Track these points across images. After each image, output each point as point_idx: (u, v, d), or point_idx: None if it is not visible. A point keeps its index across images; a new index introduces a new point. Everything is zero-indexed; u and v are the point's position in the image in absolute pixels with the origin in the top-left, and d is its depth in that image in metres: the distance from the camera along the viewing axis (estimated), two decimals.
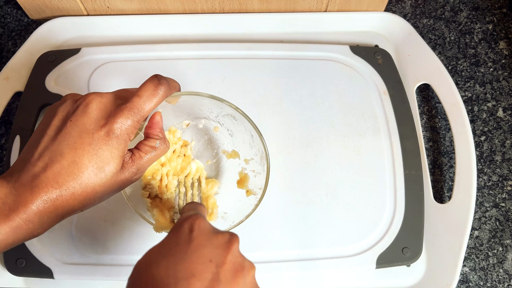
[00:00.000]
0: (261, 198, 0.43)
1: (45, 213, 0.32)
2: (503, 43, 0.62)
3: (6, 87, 0.54)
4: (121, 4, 0.58)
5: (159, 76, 0.37)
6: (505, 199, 0.54)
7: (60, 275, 0.46)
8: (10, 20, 0.62)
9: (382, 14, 0.60)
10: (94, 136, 0.34)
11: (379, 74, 0.56)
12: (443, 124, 0.57)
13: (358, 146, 0.52)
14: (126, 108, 0.35)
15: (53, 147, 0.33)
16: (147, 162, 0.37)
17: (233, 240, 0.32)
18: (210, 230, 0.33)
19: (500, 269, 0.51)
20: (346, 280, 0.48)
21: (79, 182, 0.33)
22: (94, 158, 0.33)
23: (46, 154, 0.33)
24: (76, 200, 0.33)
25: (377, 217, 0.49)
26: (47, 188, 0.32)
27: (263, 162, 0.44)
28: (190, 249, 0.30)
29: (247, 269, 0.32)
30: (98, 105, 0.35)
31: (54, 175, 0.32)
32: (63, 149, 0.33)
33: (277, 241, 0.48)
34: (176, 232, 0.33)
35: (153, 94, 0.36)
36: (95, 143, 0.33)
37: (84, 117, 0.34)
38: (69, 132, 0.34)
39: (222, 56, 0.56)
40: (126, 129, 0.34)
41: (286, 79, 0.55)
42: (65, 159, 0.33)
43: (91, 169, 0.33)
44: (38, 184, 0.32)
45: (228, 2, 0.58)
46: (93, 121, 0.34)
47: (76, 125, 0.34)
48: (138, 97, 0.35)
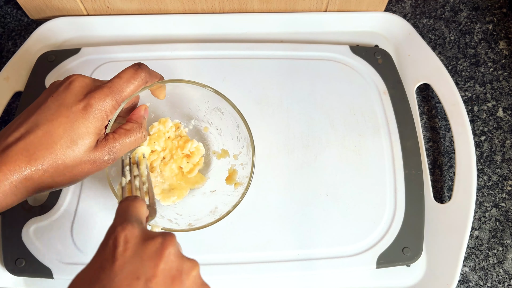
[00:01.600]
0: (248, 185, 0.43)
1: (13, 184, 0.32)
2: (503, 43, 0.62)
3: (6, 87, 0.54)
4: (121, 4, 0.58)
5: (141, 63, 0.39)
6: (505, 199, 0.53)
7: (60, 275, 0.46)
8: (10, 20, 0.62)
9: (382, 14, 0.60)
10: (72, 109, 0.34)
11: (379, 74, 0.56)
12: (443, 124, 0.57)
13: (358, 146, 0.52)
14: (105, 86, 0.36)
15: (31, 120, 0.34)
16: (121, 146, 0.37)
17: (165, 244, 0.29)
18: (138, 240, 0.30)
19: (500, 269, 0.51)
20: (346, 280, 0.48)
21: (50, 153, 0.33)
22: (68, 130, 0.34)
23: (23, 126, 0.34)
24: (46, 172, 0.33)
25: (377, 217, 0.49)
26: (16, 157, 0.32)
27: (249, 150, 0.44)
28: (114, 270, 0.27)
29: (186, 271, 0.29)
30: (80, 83, 0.36)
31: (26, 145, 0.33)
32: (40, 120, 0.34)
33: (277, 241, 0.48)
34: (101, 252, 0.30)
35: (133, 77, 0.38)
36: (72, 116, 0.34)
37: (65, 93, 0.35)
38: (48, 106, 0.35)
39: (222, 56, 0.56)
40: (104, 106, 0.36)
41: (286, 79, 0.55)
42: (40, 130, 0.33)
43: (63, 141, 0.34)
44: (9, 153, 0.32)
45: (228, 2, 0.58)
46: (73, 96, 0.35)
47: (56, 99, 0.35)
48: (118, 78, 0.37)
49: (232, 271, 0.47)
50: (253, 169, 0.43)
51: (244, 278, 0.47)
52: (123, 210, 0.33)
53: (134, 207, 0.33)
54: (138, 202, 0.34)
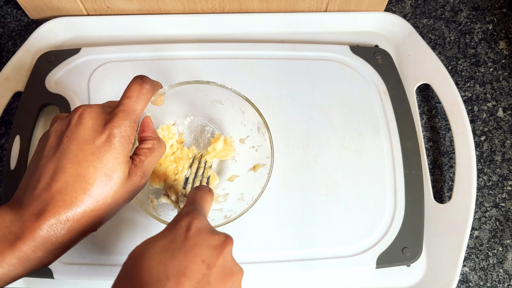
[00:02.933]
0: (271, 166, 0.43)
1: (54, 238, 0.30)
2: (503, 43, 0.62)
3: (6, 87, 0.54)
4: (121, 4, 0.58)
5: (141, 75, 0.37)
6: (505, 199, 0.53)
7: (60, 275, 0.46)
8: (10, 20, 0.62)
9: (382, 14, 0.60)
10: (95, 144, 0.32)
11: (379, 74, 0.56)
12: (443, 124, 0.57)
13: (358, 146, 0.52)
14: (119, 110, 0.34)
15: (53, 166, 0.32)
16: (148, 164, 0.36)
17: (227, 242, 0.32)
18: (207, 229, 0.32)
19: (500, 269, 0.51)
20: (346, 280, 0.48)
21: (88, 196, 0.31)
22: (100, 167, 0.32)
23: (47, 175, 0.31)
24: (88, 218, 0.32)
25: (377, 217, 0.49)
26: (54, 210, 0.30)
27: (263, 131, 0.44)
28: (185, 247, 0.30)
29: (236, 274, 0.31)
30: (91, 115, 0.34)
31: (60, 194, 0.30)
32: (65, 165, 0.31)
33: (277, 241, 0.48)
34: (173, 228, 0.32)
35: (140, 92, 0.36)
36: (98, 152, 0.32)
37: (80, 129, 0.33)
38: (67, 147, 0.32)
39: (222, 56, 0.56)
40: (126, 131, 0.34)
41: (286, 79, 0.55)
42: (69, 175, 0.31)
43: (99, 180, 0.31)
44: (44, 207, 0.30)
45: (228, 2, 0.58)
46: (90, 130, 0.33)
47: (73, 138, 0.32)
48: (128, 98, 0.35)
49: None
50: (272, 149, 0.44)
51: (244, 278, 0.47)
52: (193, 199, 0.35)
53: (206, 200, 0.36)
54: (209, 195, 0.37)
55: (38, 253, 0.30)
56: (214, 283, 0.29)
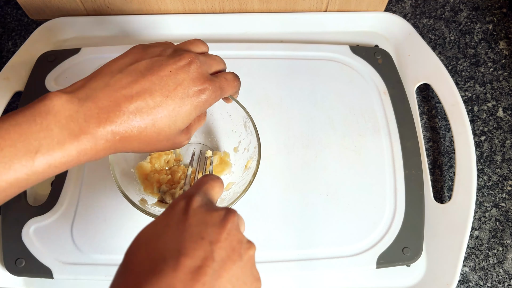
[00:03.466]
0: (259, 154, 0.43)
1: (110, 142, 0.32)
2: (503, 43, 0.62)
3: (6, 87, 0.54)
4: (121, 4, 0.58)
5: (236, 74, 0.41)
6: (505, 199, 0.53)
7: (59, 275, 0.46)
8: (10, 20, 0.62)
9: (382, 14, 0.60)
10: (188, 91, 0.35)
11: (379, 74, 0.56)
12: (443, 124, 0.57)
13: (358, 146, 0.52)
14: (218, 81, 0.37)
15: (145, 85, 0.33)
16: (194, 130, 0.39)
17: (229, 217, 0.31)
18: (205, 208, 0.31)
19: (500, 269, 0.51)
20: (346, 280, 0.48)
21: (153, 125, 0.33)
22: (176, 109, 0.34)
23: (135, 87, 0.33)
24: (140, 140, 0.33)
25: (377, 217, 0.49)
26: (125, 118, 0.32)
27: (248, 125, 0.45)
28: (181, 228, 0.29)
29: (245, 248, 0.31)
30: (197, 69, 0.36)
31: (137, 109, 0.32)
32: (155, 91, 0.33)
33: (277, 241, 0.48)
34: (170, 211, 0.31)
35: (234, 81, 0.40)
36: (185, 98, 0.34)
37: (184, 73, 0.35)
38: (166, 80, 0.34)
39: (222, 56, 0.56)
40: (212, 99, 0.36)
41: (286, 79, 0.55)
42: (153, 101, 0.33)
43: (168, 117, 0.34)
44: (117, 112, 0.32)
45: (228, 2, 0.58)
46: (191, 80, 0.35)
47: (175, 77, 0.34)
48: (226, 80, 0.39)
49: None
50: (259, 141, 0.44)
51: None
52: (200, 184, 0.35)
53: (211, 186, 0.35)
54: (217, 182, 0.36)
55: (93, 151, 0.31)
56: (220, 258, 0.28)
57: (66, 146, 0.30)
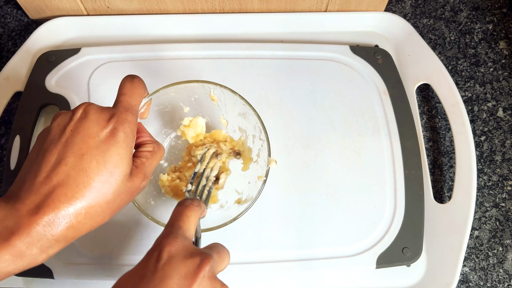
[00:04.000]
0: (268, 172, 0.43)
1: (51, 235, 0.29)
2: (503, 43, 0.62)
3: (6, 87, 0.54)
4: (121, 4, 0.58)
5: (130, 75, 0.37)
6: (505, 199, 0.53)
7: (60, 275, 0.46)
8: (10, 20, 0.62)
9: (382, 14, 0.60)
10: (99, 138, 0.31)
11: (379, 74, 0.56)
12: (443, 124, 0.57)
13: (358, 146, 0.52)
14: (120, 106, 0.34)
15: (54, 158, 0.30)
16: (149, 167, 0.36)
17: (203, 265, 0.30)
18: (181, 254, 0.30)
19: (500, 269, 0.51)
20: (346, 280, 0.48)
21: (89, 191, 0.30)
22: (103, 162, 0.31)
23: (47, 167, 0.30)
24: (87, 215, 0.30)
25: (377, 217, 0.49)
26: (54, 204, 0.29)
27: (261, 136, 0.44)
28: (153, 282, 0.29)
29: None
30: (96, 110, 0.33)
31: (60, 187, 0.29)
32: (67, 158, 0.30)
33: (277, 241, 0.48)
34: (145, 261, 0.31)
35: (134, 87, 0.36)
36: (102, 146, 0.31)
37: (85, 122, 0.32)
38: (71, 139, 0.31)
39: (222, 56, 0.56)
40: (129, 126, 0.33)
41: (286, 79, 0.55)
42: (71, 168, 0.30)
43: (101, 175, 0.30)
44: (43, 201, 0.29)
45: (228, 2, 0.58)
46: (95, 124, 0.32)
47: (77, 131, 0.31)
48: (123, 95, 0.35)
49: (232, 271, 0.47)
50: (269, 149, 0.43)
51: (244, 278, 0.47)
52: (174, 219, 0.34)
53: (186, 216, 0.34)
54: (191, 210, 0.35)
55: (32, 250, 0.29)
56: None
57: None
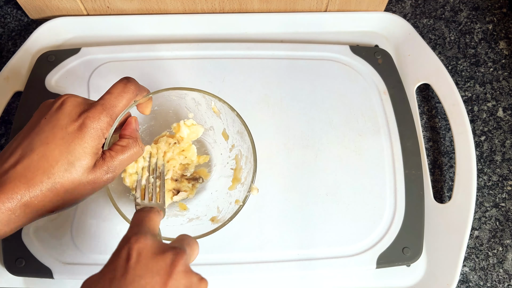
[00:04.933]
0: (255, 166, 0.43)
1: (11, 211, 0.31)
2: (503, 43, 0.62)
3: (6, 87, 0.54)
4: (121, 4, 0.58)
5: (128, 77, 0.38)
6: (505, 199, 0.53)
7: (59, 275, 0.46)
8: (10, 20, 0.62)
9: (382, 14, 0.60)
10: (67, 130, 0.33)
11: (379, 74, 0.56)
12: (443, 124, 0.57)
13: (358, 146, 0.52)
14: (98, 104, 0.35)
15: (25, 143, 0.33)
16: (119, 163, 0.36)
17: (176, 261, 0.29)
18: (151, 251, 0.30)
19: (500, 269, 0.51)
20: (346, 280, 0.48)
21: (48, 177, 0.32)
22: (65, 152, 0.33)
23: (17, 151, 0.33)
24: (45, 197, 0.33)
25: (377, 217, 0.49)
26: (14, 183, 0.31)
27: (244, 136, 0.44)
28: (125, 282, 0.28)
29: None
30: (72, 103, 0.35)
31: (23, 169, 0.32)
32: (35, 144, 0.33)
33: (277, 241, 0.48)
34: (113, 261, 0.30)
35: (123, 90, 0.37)
36: (67, 137, 0.33)
37: (58, 113, 0.34)
38: (42, 128, 0.34)
39: (222, 56, 0.56)
40: (100, 124, 0.35)
41: (286, 79, 0.55)
42: (36, 154, 0.32)
43: (61, 164, 0.33)
44: (5, 180, 0.31)
45: (228, 2, 0.58)
46: (66, 116, 0.34)
47: (49, 121, 0.34)
48: (109, 94, 0.36)
49: (232, 271, 0.47)
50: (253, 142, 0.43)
51: (244, 278, 0.47)
52: (138, 221, 0.34)
53: (150, 218, 0.34)
54: (153, 213, 0.35)
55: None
56: None
57: None
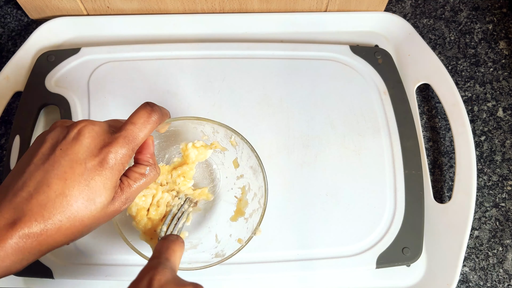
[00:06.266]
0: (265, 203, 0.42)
1: (25, 249, 0.30)
2: (503, 43, 0.62)
3: (6, 87, 0.54)
4: (121, 4, 0.58)
5: (151, 103, 0.36)
6: (505, 199, 0.53)
7: (60, 275, 0.46)
8: (10, 20, 0.62)
9: (382, 14, 0.60)
10: (86, 165, 0.31)
11: (379, 74, 0.56)
12: (443, 124, 0.57)
13: (358, 146, 0.52)
14: (120, 136, 0.33)
15: (40, 177, 0.31)
16: (136, 190, 0.35)
17: None
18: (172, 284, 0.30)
19: (500, 269, 0.51)
20: (346, 280, 0.48)
21: (67, 216, 0.30)
22: (85, 190, 0.31)
23: (31, 184, 0.30)
24: (62, 234, 0.31)
25: (377, 217, 0.49)
26: (30, 222, 0.29)
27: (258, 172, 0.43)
28: None
29: None
30: (91, 133, 0.32)
31: (40, 207, 0.30)
32: (51, 179, 0.30)
33: (277, 241, 0.48)
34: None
35: (147, 121, 0.34)
36: (87, 174, 0.31)
37: (76, 145, 0.32)
38: (58, 160, 0.31)
39: (222, 56, 0.56)
40: (121, 158, 0.32)
41: (286, 79, 0.55)
42: (53, 190, 0.30)
43: (81, 202, 0.31)
44: (21, 217, 0.29)
45: (228, 2, 0.58)
46: (86, 150, 0.32)
47: (66, 153, 0.31)
48: (133, 124, 0.34)
49: (232, 271, 0.47)
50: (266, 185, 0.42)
51: (244, 278, 0.47)
52: (162, 250, 0.33)
53: (173, 251, 0.33)
54: (177, 245, 0.34)
55: (6, 262, 0.29)
56: None
57: None
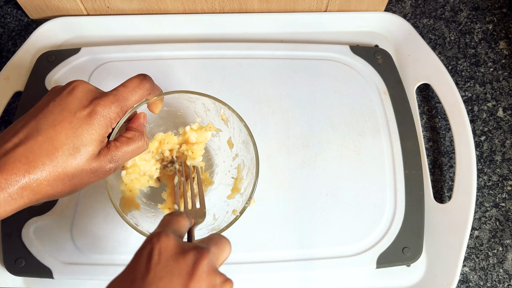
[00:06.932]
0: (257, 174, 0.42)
1: (10, 193, 0.31)
2: (503, 43, 0.62)
3: (6, 87, 0.54)
4: (121, 4, 0.58)
5: (145, 74, 0.39)
6: (505, 199, 0.53)
7: (59, 275, 0.46)
8: (10, 20, 0.62)
9: (382, 14, 0.60)
10: (76, 115, 0.33)
11: (379, 74, 0.56)
12: (443, 124, 0.57)
13: (358, 146, 0.52)
14: (111, 94, 0.36)
15: (31, 124, 0.33)
16: (123, 154, 0.36)
17: (199, 261, 0.28)
18: (172, 253, 0.29)
19: (500, 269, 0.51)
20: (346, 280, 0.48)
21: (51, 160, 0.32)
22: (71, 136, 0.33)
23: (23, 131, 0.33)
24: (45, 181, 0.32)
25: (377, 217, 0.49)
26: (13, 164, 0.31)
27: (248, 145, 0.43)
28: (144, 284, 0.27)
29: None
30: (84, 89, 0.35)
31: (26, 151, 0.31)
32: (41, 125, 0.33)
33: (277, 241, 0.48)
34: (134, 262, 0.29)
35: (138, 86, 0.37)
36: (75, 122, 0.33)
37: (68, 98, 0.34)
38: (50, 110, 0.33)
39: (222, 56, 0.56)
40: (109, 114, 0.35)
41: (286, 79, 0.55)
42: (41, 135, 0.32)
43: (66, 148, 0.32)
44: (6, 161, 0.31)
45: (228, 2, 0.58)
46: (77, 102, 0.34)
47: (59, 104, 0.34)
48: (124, 86, 0.37)
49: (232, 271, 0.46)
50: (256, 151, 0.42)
51: (244, 278, 0.47)
52: (164, 222, 0.33)
53: (176, 220, 0.33)
54: (181, 217, 0.34)
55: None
56: None
57: None
